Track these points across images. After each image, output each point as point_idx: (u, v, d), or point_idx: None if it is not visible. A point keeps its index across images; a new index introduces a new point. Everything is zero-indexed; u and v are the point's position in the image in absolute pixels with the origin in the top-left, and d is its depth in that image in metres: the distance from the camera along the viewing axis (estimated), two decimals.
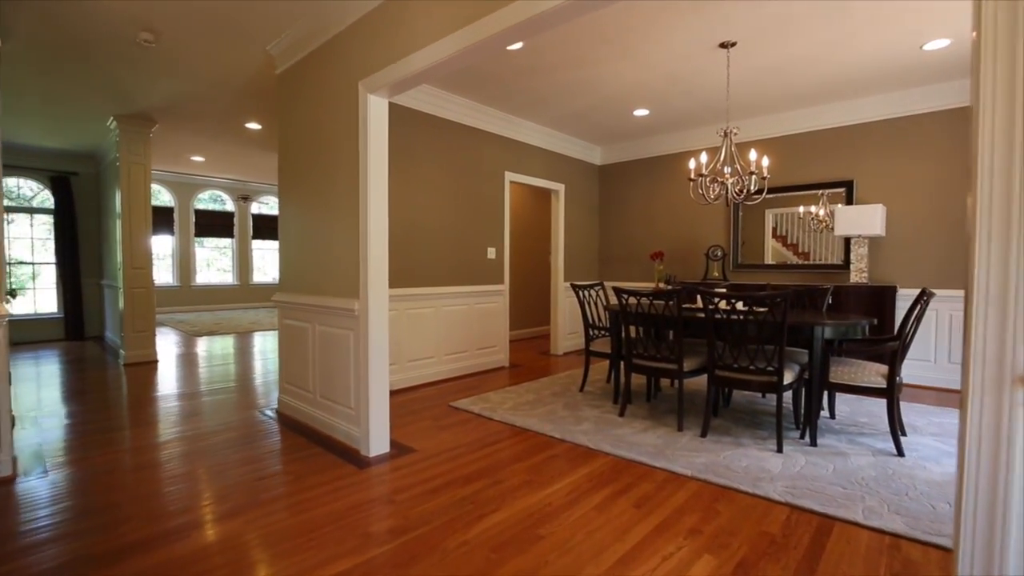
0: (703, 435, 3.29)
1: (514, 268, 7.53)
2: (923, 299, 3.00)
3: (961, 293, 4.51)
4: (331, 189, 3.22)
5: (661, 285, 6.19)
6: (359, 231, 2.96)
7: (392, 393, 4.41)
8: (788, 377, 3.14)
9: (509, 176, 5.66)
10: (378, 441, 2.98)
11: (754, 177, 3.59)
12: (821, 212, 5.34)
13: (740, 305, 3.46)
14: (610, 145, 6.82)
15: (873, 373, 3.09)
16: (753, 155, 3.52)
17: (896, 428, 3.01)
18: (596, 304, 4.68)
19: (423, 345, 4.76)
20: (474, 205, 5.28)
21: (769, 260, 5.68)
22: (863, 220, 4.70)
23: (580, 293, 4.51)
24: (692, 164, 3.88)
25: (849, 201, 5.11)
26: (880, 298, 4.60)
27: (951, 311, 4.59)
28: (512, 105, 5.20)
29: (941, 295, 4.63)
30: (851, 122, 5.07)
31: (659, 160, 6.49)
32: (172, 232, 11.47)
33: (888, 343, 3.45)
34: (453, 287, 5.03)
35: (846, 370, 3.15)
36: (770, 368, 3.07)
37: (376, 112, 2.90)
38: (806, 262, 5.45)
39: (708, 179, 3.78)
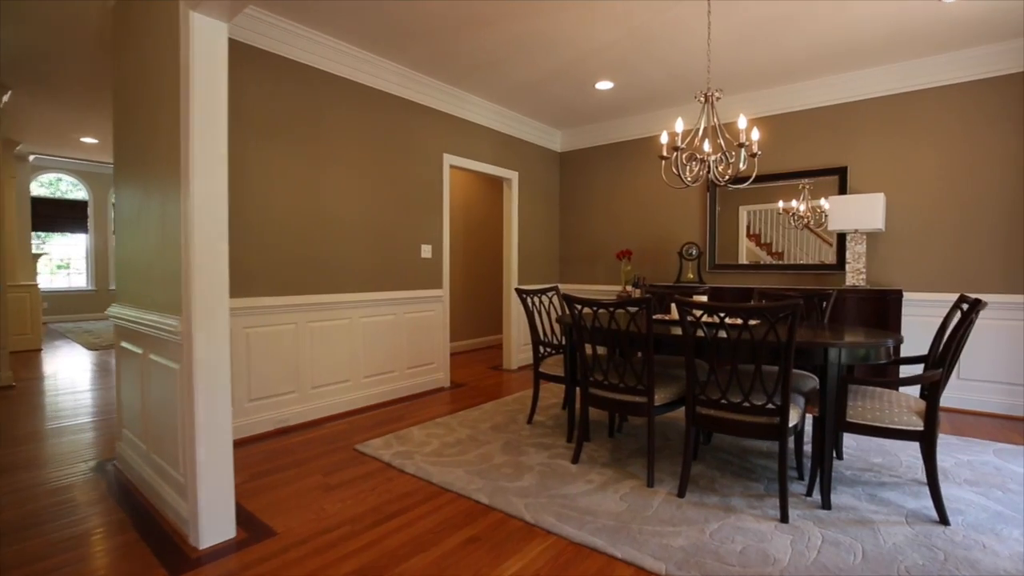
0: (680, 494, 2.45)
1: (462, 269, 6.62)
2: (972, 311, 2.23)
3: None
4: (156, 159, 2.26)
5: (628, 288, 5.38)
6: (180, 216, 2.01)
7: (285, 431, 3.44)
8: (794, 417, 2.33)
9: (449, 159, 4.75)
10: (215, 524, 2.03)
11: (743, 152, 2.78)
12: (802, 207, 4.62)
13: (728, 319, 2.65)
14: (571, 129, 5.98)
15: (904, 410, 2.30)
16: (743, 122, 2.71)
17: (937, 486, 2.23)
18: (550, 314, 3.82)
19: (333, 366, 3.81)
20: (404, 193, 4.35)
21: (743, 260, 4.94)
22: (861, 212, 3.97)
23: (529, 300, 3.64)
24: (665, 138, 3.06)
25: (842, 191, 4.40)
26: (882, 304, 3.87)
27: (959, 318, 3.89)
28: (453, 72, 4.30)
29: (950, 299, 3.94)
30: (847, 99, 4.34)
31: (626, 146, 5.68)
32: (86, 230, 10.14)
33: (917, 367, 2.69)
34: (375, 293, 4.10)
35: (868, 405, 2.36)
36: (771, 405, 2.25)
37: (205, 42, 1.96)
38: (780, 262, 4.72)
39: (684, 155, 2.96)
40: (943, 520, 2.20)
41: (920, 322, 4.04)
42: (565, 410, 3.88)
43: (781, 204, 4.72)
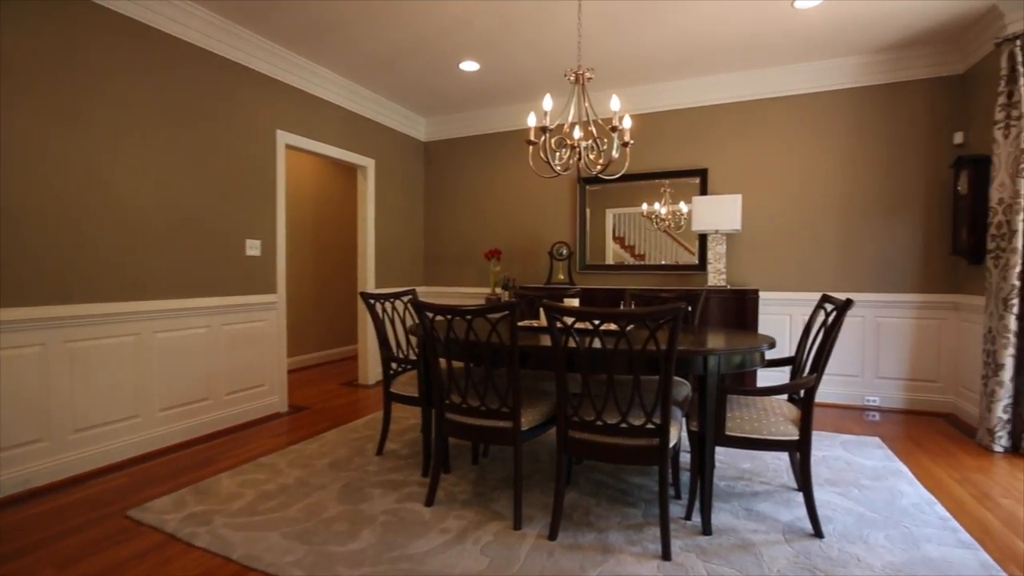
0: (552, 536, 2.06)
1: (311, 270, 5.78)
2: (843, 311, 2.13)
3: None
4: None
5: (498, 290, 5.01)
6: None
7: (27, 497, 2.46)
8: (674, 435, 2.06)
9: (285, 138, 3.96)
10: None
11: (616, 139, 2.50)
12: (663, 211, 4.62)
13: (602, 326, 2.34)
14: (436, 117, 5.47)
15: (781, 418, 2.15)
16: (615, 104, 2.42)
17: (812, 498, 2.10)
18: (405, 322, 3.26)
19: (111, 399, 2.86)
20: (223, 175, 3.49)
21: (610, 262, 4.84)
22: (721, 213, 4.00)
23: (378, 307, 3.05)
24: (532, 119, 2.69)
25: (704, 192, 4.45)
26: (741, 304, 3.93)
27: (805, 315, 4.11)
28: (288, 32, 3.54)
29: (797, 298, 4.13)
30: (709, 102, 4.40)
31: (494, 138, 5.31)
32: None
33: (794, 372, 2.62)
34: (179, 300, 3.20)
35: (745, 416, 2.18)
36: (650, 425, 1.95)
37: None
38: (643, 263, 4.71)
39: (554, 140, 2.61)
40: (818, 533, 2.08)
41: (773, 320, 4.20)
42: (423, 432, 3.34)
43: (645, 207, 4.68)
